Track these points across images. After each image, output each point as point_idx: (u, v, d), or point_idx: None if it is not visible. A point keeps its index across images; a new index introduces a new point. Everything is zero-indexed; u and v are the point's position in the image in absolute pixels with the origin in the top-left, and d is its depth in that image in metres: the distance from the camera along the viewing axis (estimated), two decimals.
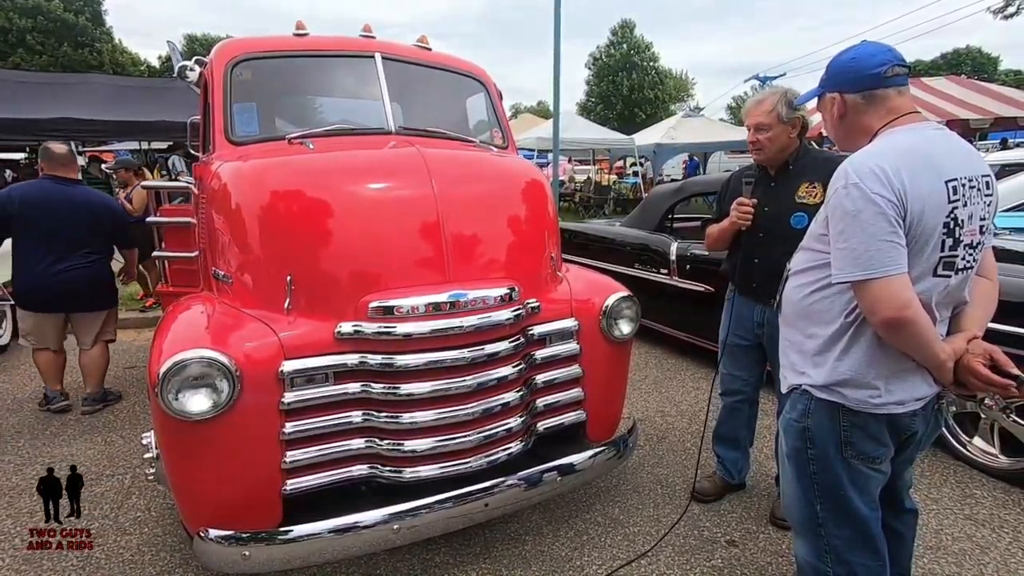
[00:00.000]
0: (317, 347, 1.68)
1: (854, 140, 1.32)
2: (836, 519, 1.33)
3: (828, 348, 1.28)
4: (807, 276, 1.34)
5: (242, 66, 2.37)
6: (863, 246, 1.13)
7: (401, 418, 1.72)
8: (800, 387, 1.35)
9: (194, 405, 1.52)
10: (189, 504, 1.67)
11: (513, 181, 2.17)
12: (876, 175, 1.12)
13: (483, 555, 2.03)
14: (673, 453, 2.76)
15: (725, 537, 2.12)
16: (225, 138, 2.26)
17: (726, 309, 2.33)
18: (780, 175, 2.10)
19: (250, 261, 1.87)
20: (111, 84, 8.06)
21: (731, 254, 2.29)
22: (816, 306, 1.31)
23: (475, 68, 2.97)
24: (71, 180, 3.25)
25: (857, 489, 1.31)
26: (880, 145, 1.21)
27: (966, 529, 2.14)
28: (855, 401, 1.25)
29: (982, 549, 2.02)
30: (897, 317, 1.12)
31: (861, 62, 1.27)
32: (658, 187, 4.87)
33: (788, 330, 1.42)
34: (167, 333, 1.69)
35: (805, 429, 1.33)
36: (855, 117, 1.30)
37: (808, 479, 1.35)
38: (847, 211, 1.15)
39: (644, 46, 36.41)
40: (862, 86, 1.26)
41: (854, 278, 1.15)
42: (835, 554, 1.35)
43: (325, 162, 2.00)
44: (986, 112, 10.04)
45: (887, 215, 1.12)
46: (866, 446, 1.28)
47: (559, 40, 7.25)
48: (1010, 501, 2.31)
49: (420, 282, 1.76)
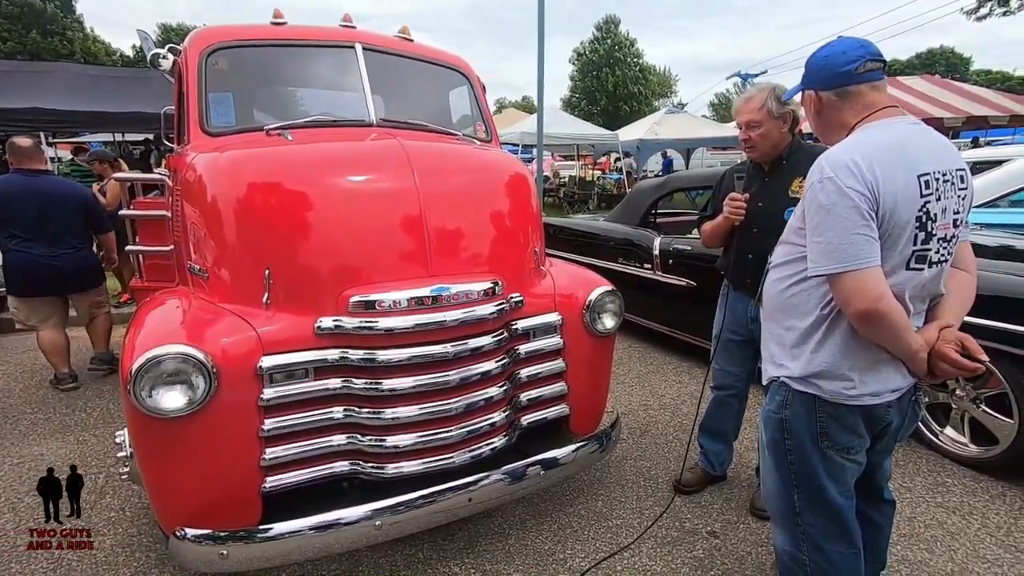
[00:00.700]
0: (296, 342, 1.65)
1: (832, 135, 1.35)
2: (812, 508, 1.36)
3: (805, 340, 1.30)
4: (786, 269, 1.35)
5: (217, 55, 2.31)
6: (837, 239, 1.15)
7: (383, 414, 1.70)
8: (779, 379, 1.37)
9: (169, 402, 1.48)
10: (164, 503, 1.64)
11: (496, 174, 2.15)
12: (849, 169, 1.14)
13: (467, 550, 2.03)
14: (656, 446, 2.79)
15: (706, 528, 2.14)
16: (200, 129, 2.20)
17: (720, 304, 2.35)
18: (774, 170, 2.11)
19: (227, 255, 1.83)
20: (83, 74, 7.80)
21: (726, 250, 2.30)
22: (794, 299, 1.33)
23: (458, 60, 2.94)
24: (39, 171, 3.36)
25: (832, 479, 1.33)
26: (855, 139, 1.23)
27: (937, 516, 2.19)
28: (830, 392, 1.27)
29: (952, 535, 2.08)
30: (870, 309, 1.14)
31: (833, 60, 1.29)
32: (641, 183, 4.89)
33: (768, 323, 1.44)
34: (140, 329, 1.65)
35: (783, 420, 1.36)
36: (831, 114, 1.32)
37: (786, 469, 1.38)
38: (821, 205, 1.17)
39: (628, 43, 36.54)
40: (835, 83, 1.29)
41: (829, 271, 1.17)
42: (811, 542, 1.37)
43: (304, 154, 1.96)
44: (959, 111, 10.30)
45: (860, 209, 1.14)
46: (841, 437, 1.30)
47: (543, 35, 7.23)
48: (979, 488, 2.38)
49: (402, 276, 1.74)
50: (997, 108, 10.57)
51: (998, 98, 11.17)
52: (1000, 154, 4.50)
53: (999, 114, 10.45)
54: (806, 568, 1.39)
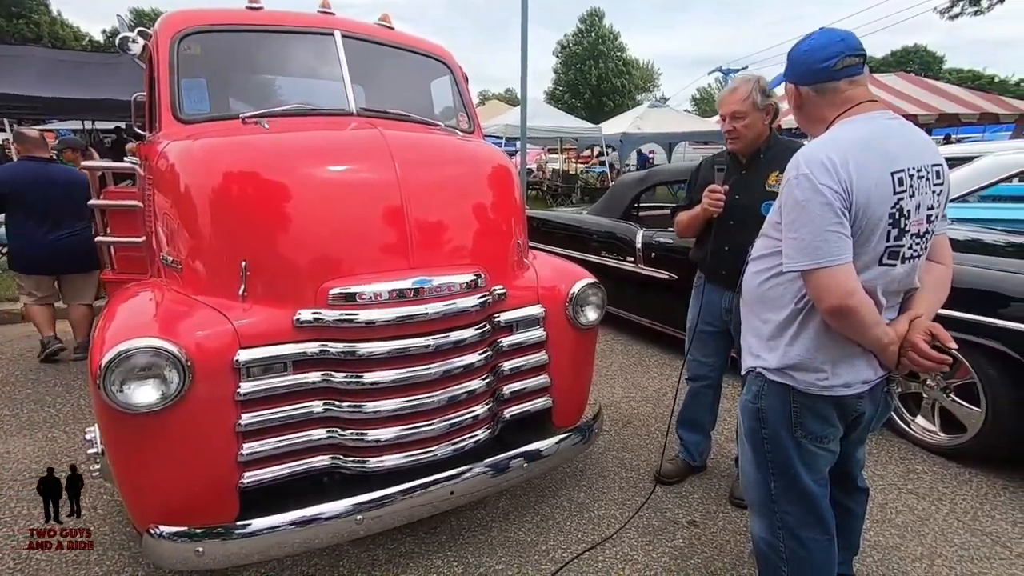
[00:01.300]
0: (274, 335, 1.61)
1: (814, 127, 1.36)
2: (788, 496, 1.39)
3: (780, 333, 1.32)
4: (764, 263, 1.37)
5: (190, 39, 2.24)
6: (811, 236, 1.17)
7: (364, 407, 1.68)
8: (755, 370, 1.40)
9: (140, 397, 1.44)
10: (137, 500, 1.59)
11: (479, 166, 2.13)
12: (824, 166, 1.16)
13: (449, 543, 2.02)
14: (638, 437, 2.81)
15: (687, 518, 2.17)
16: (172, 115, 2.13)
17: (695, 296, 2.37)
18: (751, 164, 2.13)
19: (202, 246, 1.78)
20: (52, 59, 7.49)
21: (700, 242, 2.31)
22: (770, 292, 1.35)
23: (440, 49, 2.89)
24: (45, 159, 3.69)
25: (807, 467, 1.36)
26: (832, 136, 1.24)
27: (908, 502, 2.26)
28: (803, 383, 1.30)
29: (922, 521, 2.14)
30: (841, 305, 1.17)
31: (811, 55, 1.29)
32: (624, 176, 4.91)
33: (747, 314, 1.46)
34: (111, 321, 1.59)
35: (759, 410, 1.38)
36: (810, 108, 1.34)
37: (763, 457, 1.41)
38: (797, 201, 1.19)
39: (612, 36, 36.57)
40: (813, 79, 1.30)
41: (802, 267, 1.19)
42: (787, 530, 1.40)
43: (283, 143, 1.92)
44: (932, 108, 10.55)
45: (833, 206, 1.15)
46: (815, 426, 1.33)
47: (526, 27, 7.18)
48: (948, 475, 2.45)
49: (383, 268, 1.72)
50: (968, 106, 10.85)
51: (969, 96, 11.46)
52: (970, 151, 4.62)
53: (970, 112, 10.73)
54: (782, 555, 1.42)
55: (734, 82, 2.12)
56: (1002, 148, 4.69)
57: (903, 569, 1.88)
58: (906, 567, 1.89)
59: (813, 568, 1.41)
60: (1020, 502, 2.25)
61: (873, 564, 1.90)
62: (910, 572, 1.87)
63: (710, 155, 2.47)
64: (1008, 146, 5.04)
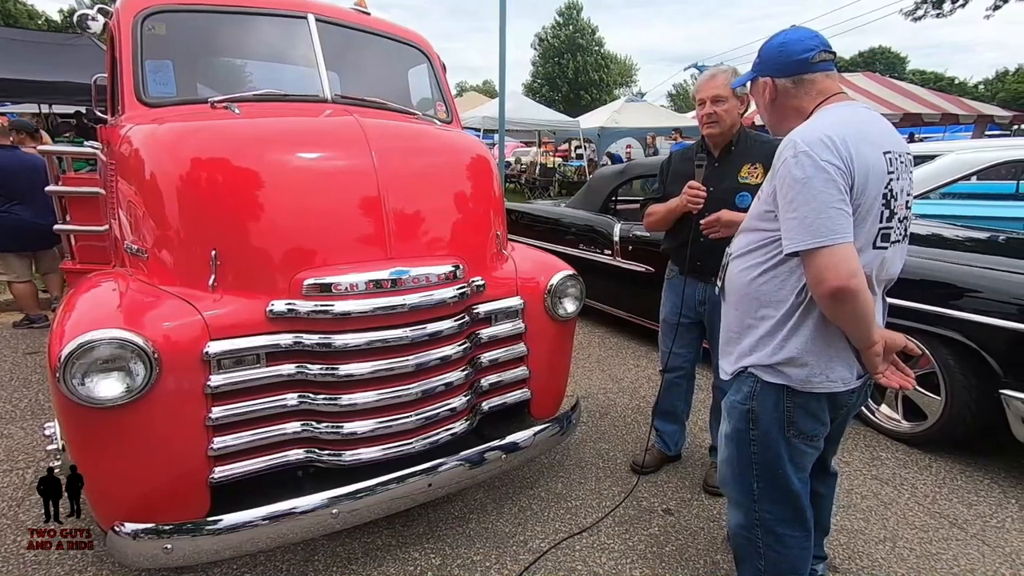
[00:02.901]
0: (246, 326, 1.57)
1: (787, 122, 1.35)
2: (771, 495, 1.38)
3: (779, 328, 1.28)
4: (753, 257, 1.33)
5: (155, 19, 2.14)
6: (814, 214, 1.12)
7: (340, 400, 1.65)
8: (747, 370, 1.36)
9: (104, 391, 1.38)
10: (101, 498, 1.54)
11: (458, 156, 2.10)
12: (825, 143, 1.13)
13: (427, 535, 2.01)
14: (615, 428, 2.84)
15: (662, 506, 2.21)
16: (136, 98, 2.04)
17: (667, 288, 2.39)
18: (723, 156, 2.15)
19: (169, 235, 1.71)
20: (4, 38, 7.12)
21: (671, 234, 2.33)
22: (765, 287, 1.30)
23: (417, 37, 2.84)
24: (7, 146, 4.05)
25: (794, 466, 1.35)
26: (823, 118, 1.23)
27: (872, 488, 2.34)
28: (800, 380, 1.27)
29: (886, 505, 2.22)
30: (844, 286, 1.11)
31: (789, 47, 1.30)
32: (602, 169, 4.93)
33: (734, 313, 1.41)
34: (72, 312, 1.53)
35: (750, 411, 1.35)
36: (786, 100, 1.33)
37: (747, 459, 1.39)
38: (797, 179, 1.14)
39: (591, 31, 36.60)
40: (791, 71, 1.30)
41: (805, 246, 1.14)
42: (765, 527, 1.40)
43: (254, 128, 1.86)
44: (897, 108, 10.88)
45: (837, 183, 1.12)
46: (807, 425, 1.31)
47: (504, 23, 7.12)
48: (910, 461, 2.55)
49: (359, 259, 1.68)
50: (930, 106, 11.23)
51: (931, 97, 11.86)
52: (932, 149, 4.80)
53: (932, 112, 11.11)
54: (759, 550, 1.43)
55: (711, 70, 2.15)
56: (962, 147, 4.88)
57: (868, 551, 1.95)
58: (871, 549, 1.96)
59: (790, 562, 1.42)
60: (975, 485, 2.36)
61: (840, 547, 1.96)
62: (874, 554, 1.94)
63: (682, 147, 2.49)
64: (967, 145, 5.25)
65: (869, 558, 1.92)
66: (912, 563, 1.90)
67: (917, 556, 1.93)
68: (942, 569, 1.87)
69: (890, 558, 1.92)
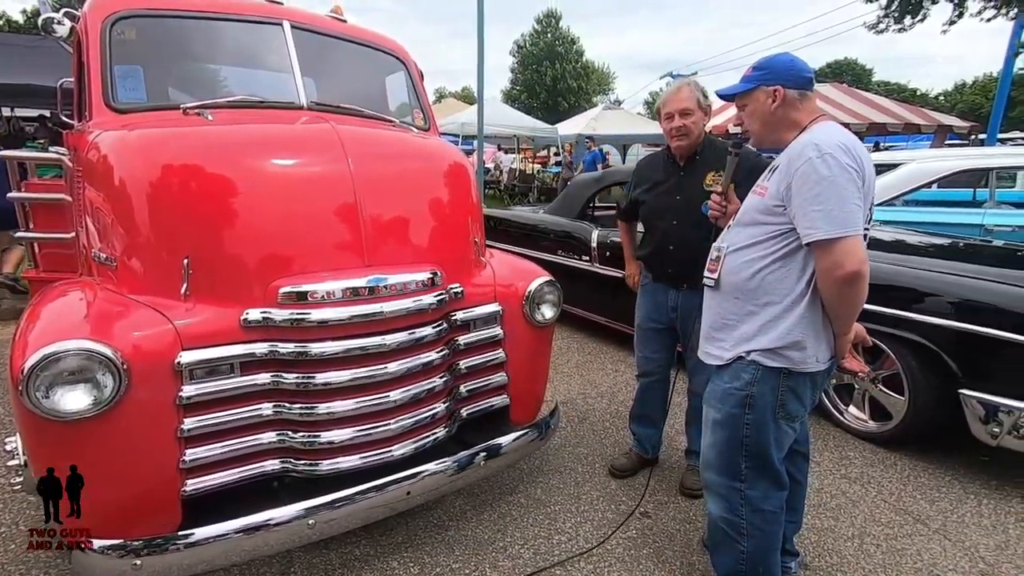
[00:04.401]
0: (220, 335, 1.55)
1: (779, 132, 1.48)
2: (757, 474, 1.49)
3: (784, 315, 1.40)
4: (759, 249, 1.44)
5: (124, 23, 2.10)
6: (839, 207, 1.26)
7: (317, 409, 1.63)
8: (747, 356, 1.45)
9: (70, 403, 1.35)
10: (66, 514, 1.49)
11: (435, 163, 2.11)
12: (843, 149, 1.28)
13: (406, 544, 2.00)
14: (593, 433, 2.87)
15: (639, 509, 2.23)
16: (105, 104, 2.00)
17: (641, 294, 2.43)
18: (688, 165, 2.21)
19: (139, 242, 1.68)
20: None
21: (645, 242, 2.38)
22: (771, 276, 1.42)
23: (394, 44, 2.85)
24: None
25: (778, 447, 1.47)
26: (828, 130, 1.37)
27: (841, 487, 2.41)
28: (798, 362, 1.39)
29: (854, 503, 2.29)
30: (860, 270, 1.27)
31: (798, 64, 1.47)
32: (579, 176, 4.99)
33: (732, 303, 1.50)
34: (36, 322, 1.48)
35: (748, 396, 1.45)
36: (787, 111, 1.45)
37: (738, 443, 1.48)
38: (823, 176, 1.27)
39: (570, 40, 37.00)
40: (799, 84, 1.45)
41: (831, 235, 1.27)
42: (751, 506, 1.50)
43: (228, 135, 1.84)
44: (863, 118, 11.26)
45: (856, 183, 1.28)
46: (794, 407, 1.45)
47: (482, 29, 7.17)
48: (876, 460, 2.63)
49: (336, 266, 1.68)
50: (894, 116, 11.65)
51: (895, 107, 12.30)
52: (896, 158, 4.99)
53: (896, 122, 11.53)
54: (742, 531, 1.52)
55: (675, 84, 2.21)
56: (923, 156, 5.08)
57: (837, 548, 2.01)
58: (839, 547, 2.02)
59: (769, 538, 1.52)
60: (937, 482, 2.45)
61: (810, 545, 2.02)
62: (843, 551, 2.00)
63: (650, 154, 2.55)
64: (929, 154, 5.47)
65: (838, 555, 1.97)
66: (879, 559, 1.96)
67: (883, 552, 2.00)
68: (907, 564, 1.94)
69: (858, 554, 1.98)
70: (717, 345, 1.54)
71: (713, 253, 1.59)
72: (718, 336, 1.54)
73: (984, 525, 2.15)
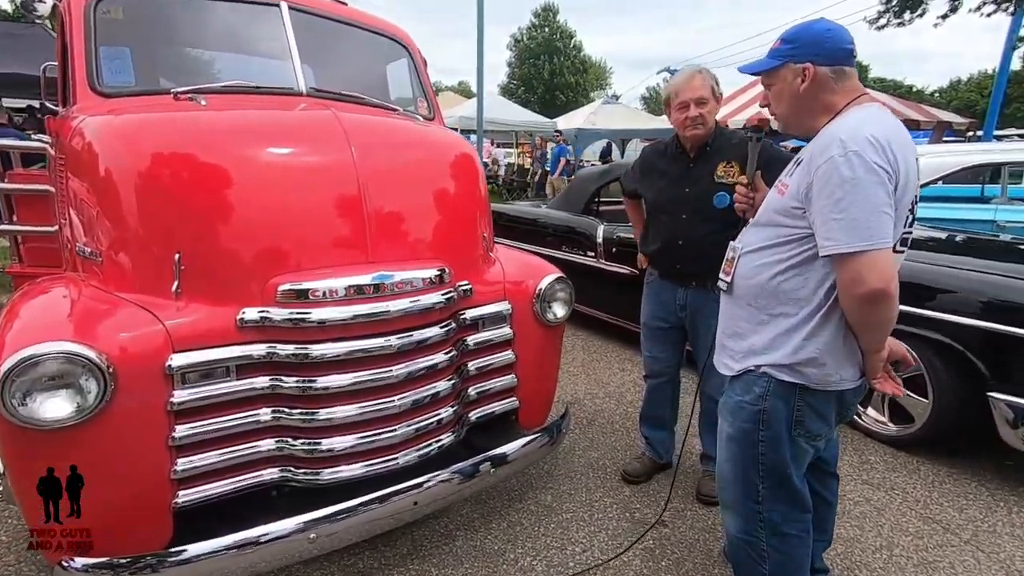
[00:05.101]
0: (215, 336, 1.44)
1: (809, 117, 1.28)
2: (775, 495, 1.35)
3: (799, 328, 1.25)
4: (774, 253, 1.28)
5: (110, 1, 1.97)
6: (864, 216, 1.09)
7: (318, 414, 1.53)
8: (758, 368, 1.32)
9: (50, 411, 1.24)
10: (47, 528, 1.38)
11: (442, 153, 2.00)
12: (873, 145, 1.10)
13: (411, 555, 1.89)
14: (603, 436, 2.77)
15: (655, 517, 2.13)
16: (89, 87, 1.87)
17: (646, 292, 2.33)
18: (698, 156, 2.09)
19: (126, 236, 1.56)
20: None
21: (651, 237, 2.26)
22: (786, 284, 1.26)
23: (396, 30, 2.73)
24: None
25: (797, 465, 1.33)
26: (862, 117, 1.18)
27: (864, 493, 2.32)
28: (817, 380, 1.25)
29: (878, 511, 2.20)
30: (883, 289, 1.10)
31: (837, 34, 1.23)
32: (584, 170, 4.89)
33: (744, 311, 1.36)
34: (14, 321, 1.37)
35: (761, 411, 1.31)
36: (818, 92, 1.25)
37: (752, 459, 1.35)
38: (846, 179, 1.10)
39: (568, 35, 36.79)
40: (835, 59, 1.23)
41: (852, 249, 1.10)
42: (770, 527, 1.37)
43: (223, 121, 1.73)
44: None
45: (886, 187, 1.10)
46: (814, 424, 1.30)
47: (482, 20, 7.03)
48: (898, 464, 2.54)
49: (338, 262, 1.57)
50: (895, 113, 11.55)
51: (895, 103, 12.21)
52: None
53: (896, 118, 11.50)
54: (762, 553, 1.39)
55: (683, 73, 2.07)
56: (927, 152, 4.99)
57: (865, 561, 1.91)
58: (868, 559, 1.93)
59: (795, 562, 1.39)
60: (963, 488, 2.36)
61: (837, 558, 1.92)
62: (872, 564, 1.90)
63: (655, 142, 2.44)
64: (933, 150, 5.38)
65: (867, 568, 1.88)
66: (910, 572, 1.87)
67: (915, 564, 1.90)
68: None
69: (888, 567, 1.88)
70: (728, 354, 1.42)
71: (729, 253, 1.44)
72: (729, 345, 1.41)
73: (1018, 535, 2.06)
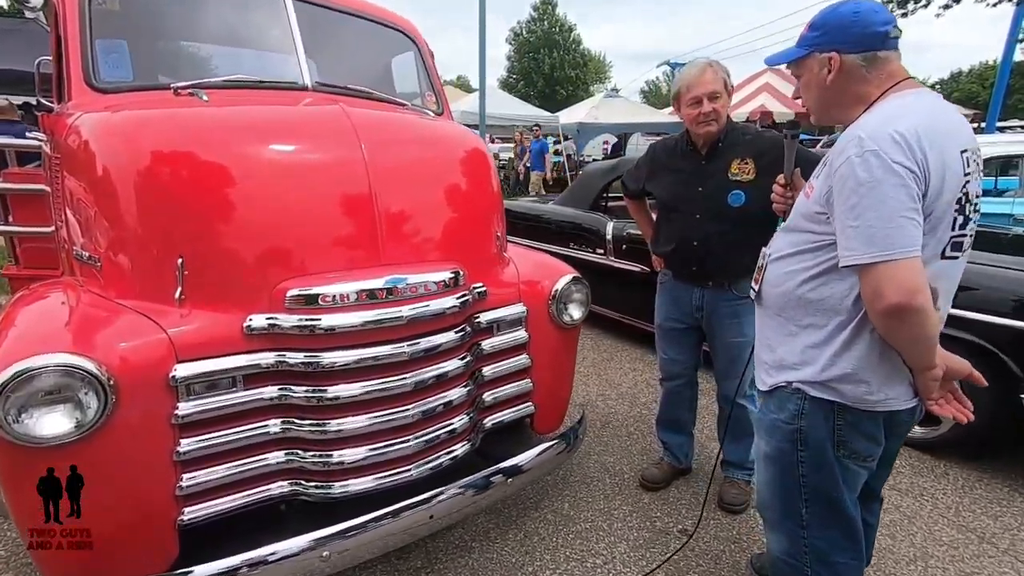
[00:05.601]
0: (221, 345, 1.37)
1: (840, 110, 1.19)
2: (823, 521, 1.25)
3: (829, 341, 1.15)
4: (800, 261, 1.19)
5: None
6: (881, 223, 0.98)
7: (328, 425, 1.46)
8: (791, 384, 1.22)
9: (48, 427, 1.17)
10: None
11: (455, 149, 1.92)
12: (896, 142, 0.98)
13: (425, 569, 1.83)
14: (618, 439, 2.70)
15: (677, 526, 2.06)
16: (85, 83, 1.78)
17: (660, 293, 2.25)
18: (711, 153, 2.00)
19: (126, 239, 1.48)
20: None
21: (663, 237, 2.18)
22: (813, 294, 1.16)
23: (403, 21, 2.63)
24: None
25: (848, 488, 1.22)
26: (893, 109, 1.07)
27: (893, 499, 2.24)
28: (852, 398, 1.14)
29: (909, 519, 2.12)
30: (905, 304, 0.98)
31: (866, 16, 1.11)
32: (592, 165, 4.79)
33: (774, 321, 1.27)
34: (8, 331, 1.30)
35: (798, 431, 1.21)
36: (848, 83, 1.15)
37: (794, 481, 1.25)
38: (861, 182, 1.00)
39: (567, 28, 36.54)
40: (865, 45, 1.12)
41: (867, 260, 1.00)
42: (816, 555, 1.26)
43: (226, 117, 1.64)
44: None
45: (909, 188, 0.98)
46: (860, 444, 1.19)
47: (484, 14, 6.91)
48: (925, 468, 2.47)
49: (349, 265, 1.50)
50: None
51: None
52: None
53: None
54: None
55: (694, 66, 1.95)
56: None
57: (899, 572, 1.84)
58: (902, 570, 1.85)
59: None
60: (996, 495, 2.28)
61: (869, 569, 1.83)
62: (907, 575, 1.83)
63: (663, 137, 2.34)
64: None
65: None
66: None
67: None
68: None
69: None
70: (763, 368, 1.32)
71: (760, 259, 1.34)
72: (764, 358, 1.32)
73: None
